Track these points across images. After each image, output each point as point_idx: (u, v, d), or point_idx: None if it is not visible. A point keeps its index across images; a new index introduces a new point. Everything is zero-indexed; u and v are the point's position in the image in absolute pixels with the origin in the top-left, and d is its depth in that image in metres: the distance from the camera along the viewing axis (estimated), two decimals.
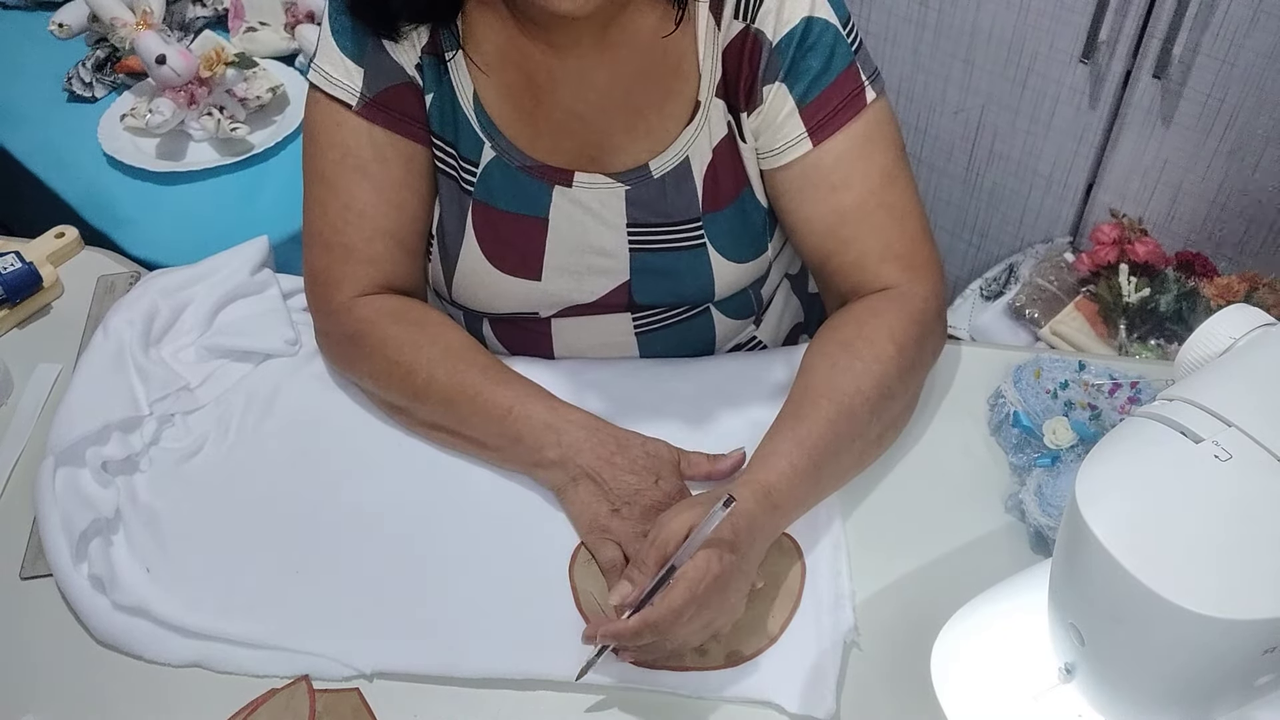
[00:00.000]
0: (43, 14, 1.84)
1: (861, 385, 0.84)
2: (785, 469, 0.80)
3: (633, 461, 0.86)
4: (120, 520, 0.88)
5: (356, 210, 0.92)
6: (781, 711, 0.76)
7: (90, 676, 0.80)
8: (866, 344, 0.86)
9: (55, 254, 1.14)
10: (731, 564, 0.74)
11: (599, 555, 0.83)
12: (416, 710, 0.77)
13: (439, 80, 0.91)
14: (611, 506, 0.84)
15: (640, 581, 0.75)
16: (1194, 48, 1.46)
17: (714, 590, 0.73)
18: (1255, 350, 0.62)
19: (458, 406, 0.89)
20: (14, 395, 1.01)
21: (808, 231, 0.92)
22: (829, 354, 0.87)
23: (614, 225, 0.94)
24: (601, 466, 0.85)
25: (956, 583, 0.75)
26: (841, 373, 0.84)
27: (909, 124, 1.83)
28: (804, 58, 0.87)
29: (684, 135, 0.91)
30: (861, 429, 0.84)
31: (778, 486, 0.79)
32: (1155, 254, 1.60)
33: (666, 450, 0.88)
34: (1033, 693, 0.65)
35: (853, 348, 0.86)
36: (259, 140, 1.60)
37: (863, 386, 0.84)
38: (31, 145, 1.63)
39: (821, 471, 0.82)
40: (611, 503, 0.84)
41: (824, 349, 0.87)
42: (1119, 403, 0.90)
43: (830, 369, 0.85)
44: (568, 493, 0.87)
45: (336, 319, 0.94)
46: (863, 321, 0.88)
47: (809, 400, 0.84)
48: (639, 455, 0.86)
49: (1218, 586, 0.52)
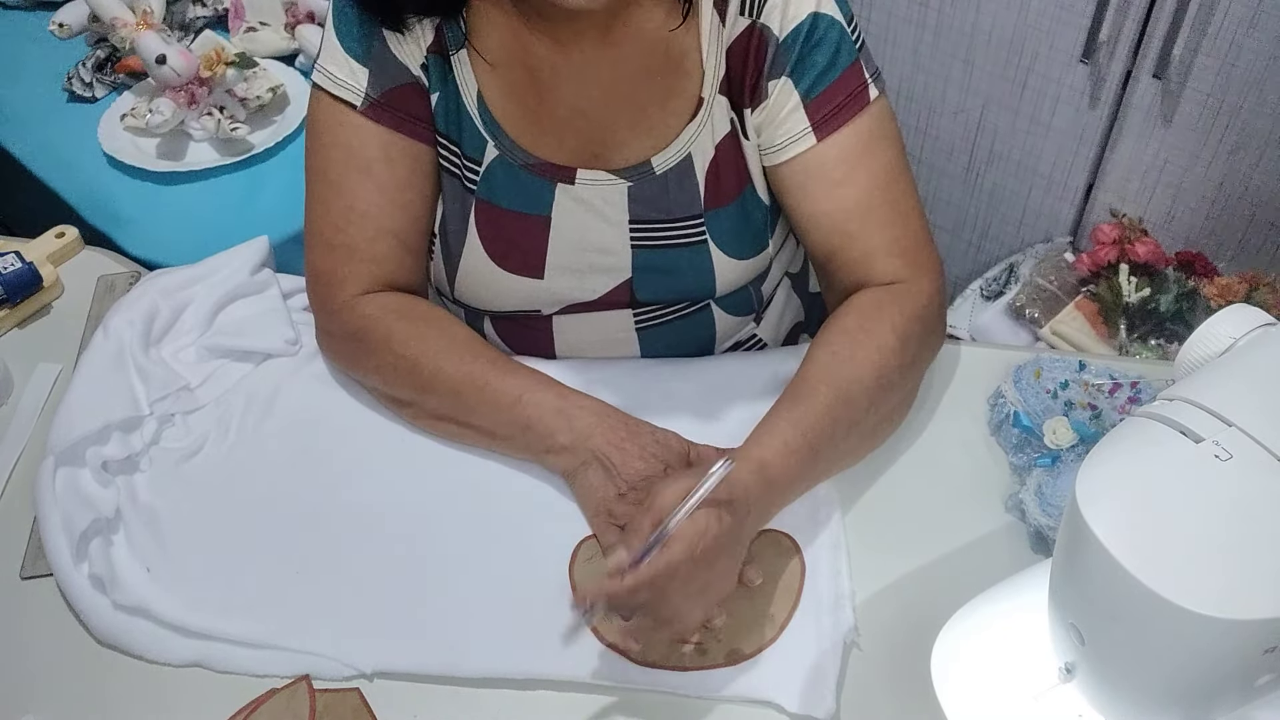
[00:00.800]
0: (43, 14, 1.84)
1: (861, 374, 0.84)
2: (780, 447, 0.80)
3: (643, 448, 0.86)
4: (120, 520, 0.88)
5: (360, 210, 0.92)
6: (781, 711, 0.76)
7: (90, 676, 0.80)
8: (868, 335, 0.86)
9: (55, 254, 1.14)
10: (730, 527, 0.73)
11: (603, 539, 0.84)
12: (416, 710, 0.77)
13: (444, 79, 0.91)
14: (619, 491, 0.84)
15: (635, 549, 0.72)
16: (1194, 48, 1.46)
17: (711, 551, 0.72)
18: (1255, 350, 0.62)
19: (465, 397, 0.89)
20: (14, 395, 1.01)
21: (812, 227, 0.92)
22: (831, 343, 0.87)
23: (616, 222, 0.94)
24: (612, 451, 0.85)
25: (956, 583, 0.75)
26: (842, 361, 0.85)
27: (909, 124, 1.83)
28: (810, 53, 0.87)
29: (687, 132, 0.91)
30: (859, 417, 0.84)
31: (773, 463, 0.79)
32: (1155, 254, 1.60)
33: (676, 441, 0.88)
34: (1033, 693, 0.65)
35: (854, 338, 0.86)
36: (259, 140, 1.60)
37: (862, 375, 0.84)
38: (31, 145, 1.63)
39: (817, 454, 0.82)
40: (619, 488, 0.84)
41: (827, 339, 0.88)
42: (1119, 403, 0.90)
43: (831, 357, 0.85)
44: (577, 477, 0.87)
45: (339, 317, 0.94)
46: (865, 313, 0.88)
47: (807, 385, 0.84)
48: (649, 443, 0.87)
49: (1218, 586, 0.52)
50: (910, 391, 0.92)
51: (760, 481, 0.78)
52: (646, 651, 0.78)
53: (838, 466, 0.88)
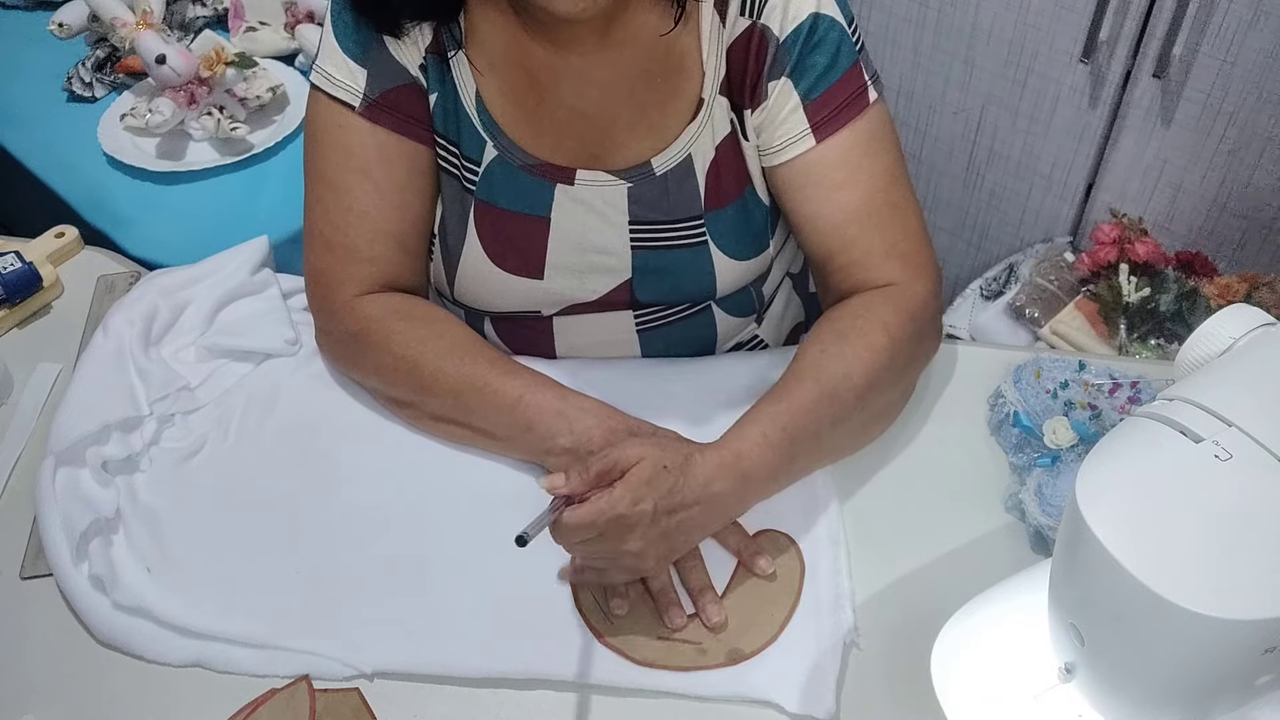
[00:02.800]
0: (43, 14, 1.85)
1: (850, 371, 0.84)
2: (757, 438, 0.81)
3: None
4: (120, 520, 0.88)
5: (359, 211, 0.92)
6: (781, 711, 0.76)
7: (90, 676, 0.80)
8: (859, 334, 0.86)
9: (55, 254, 1.14)
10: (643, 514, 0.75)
11: None
12: (416, 710, 0.77)
13: (442, 80, 0.91)
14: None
15: (574, 482, 0.76)
16: (1194, 48, 1.46)
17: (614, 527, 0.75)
18: (1255, 350, 0.62)
19: (466, 398, 0.89)
20: (14, 395, 1.01)
21: (811, 229, 0.92)
22: (821, 340, 0.87)
23: (616, 223, 0.94)
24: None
25: (956, 583, 0.75)
26: (831, 358, 0.85)
27: (909, 124, 1.83)
28: (810, 54, 0.87)
29: (687, 132, 0.91)
30: (845, 414, 0.85)
31: (748, 455, 0.80)
32: (1155, 254, 1.60)
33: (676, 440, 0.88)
34: (1033, 693, 0.65)
35: (845, 336, 0.86)
36: (259, 140, 1.60)
37: (851, 373, 0.84)
38: (31, 145, 1.63)
39: (796, 448, 0.83)
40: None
41: (818, 336, 0.88)
42: (1119, 403, 0.90)
43: (820, 354, 0.86)
44: None
45: (339, 318, 0.94)
46: (857, 314, 0.88)
47: (793, 380, 0.85)
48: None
49: (1218, 586, 0.52)
50: (904, 391, 0.92)
51: (735, 474, 0.80)
52: (646, 651, 0.79)
53: (824, 460, 0.88)
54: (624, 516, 0.75)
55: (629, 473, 0.76)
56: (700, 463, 0.79)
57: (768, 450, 0.81)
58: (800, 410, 0.83)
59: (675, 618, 0.80)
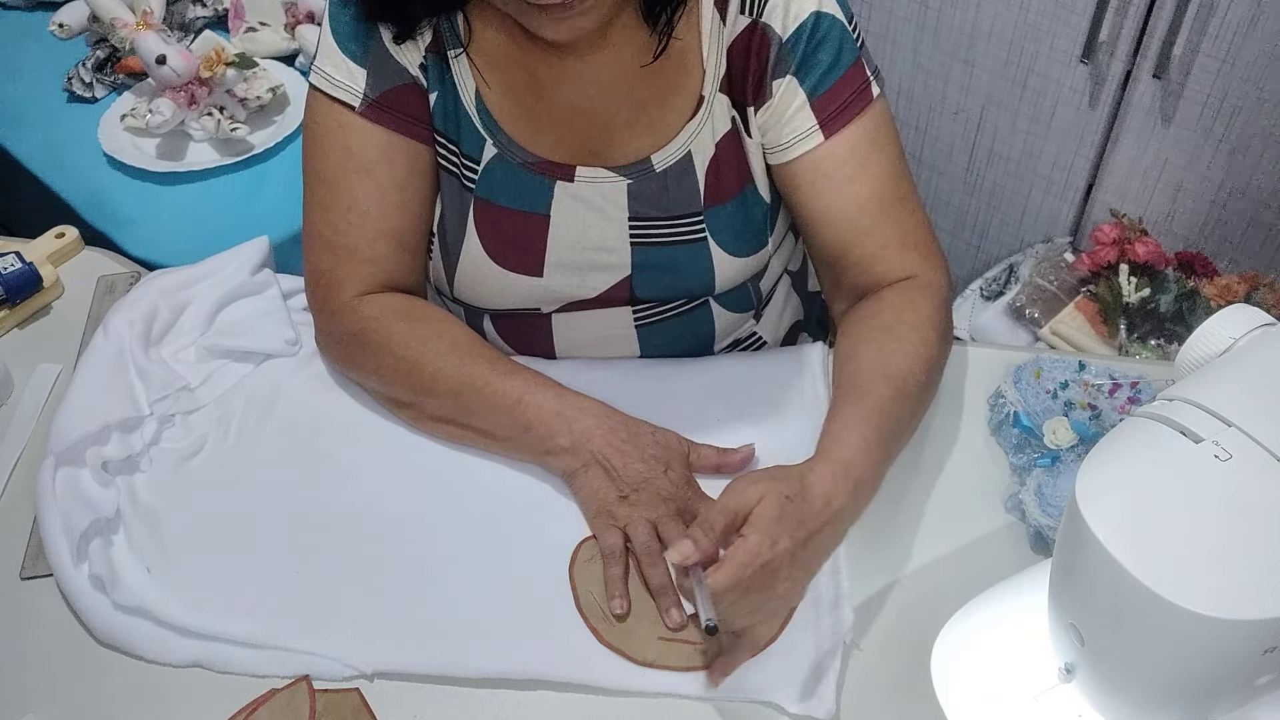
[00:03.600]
0: (43, 14, 1.84)
1: (914, 367, 0.84)
2: (858, 444, 0.78)
3: (643, 450, 0.86)
4: (120, 520, 0.88)
5: (359, 211, 0.92)
6: (781, 711, 0.76)
7: (90, 676, 0.80)
8: (910, 329, 0.86)
9: (55, 254, 1.14)
10: (784, 552, 0.71)
11: (602, 540, 0.84)
12: (416, 710, 0.77)
13: (442, 79, 0.91)
14: (620, 493, 0.84)
15: (703, 543, 0.71)
16: (1194, 48, 1.46)
17: (760, 577, 0.71)
18: (1255, 350, 0.62)
19: (466, 398, 0.89)
20: (14, 395, 1.01)
21: (824, 224, 0.92)
22: (873, 340, 0.86)
23: (615, 220, 0.94)
24: (612, 453, 0.85)
25: (956, 583, 0.75)
26: (892, 355, 0.84)
27: (909, 124, 1.83)
28: (814, 52, 0.88)
29: (687, 129, 0.91)
30: (915, 409, 0.85)
31: (856, 462, 0.77)
32: (1155, 254, 1.60)
33: (676, 441, 0.88)
34: (1033, 693, 0.65)
35: (896, 333, 0.86)
36: (259, 140, 1.60)
37: (914, 369, 0.84)
38: (31, 145, 1.63)
39: (888, 449, 0.81)
40: (620, 489, 0.84)
41: (867, 335, 0.87)
42: (1119, 403, 0.90)
43: (879, 353, 0.85)
44: (578, 478, 0.87)
45: (339, 318, 0.94)
46: (900, 308, 0.88)
47: (865, 381, 0.83)
48: (649, 444, 0.87)
49: (1218, 586, 0.52)
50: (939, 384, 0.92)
51: (847, 488, 0.76)
52: (646, 651, 0.79)
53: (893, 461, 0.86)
54: (768, 562, 0.70)
55: (753, 516, 0.71)
56: (815, 482, 0.75)
57: (869, 454, 0.78)
58: (883, 410, 0.81)
59: (675, 618, 0.80)
